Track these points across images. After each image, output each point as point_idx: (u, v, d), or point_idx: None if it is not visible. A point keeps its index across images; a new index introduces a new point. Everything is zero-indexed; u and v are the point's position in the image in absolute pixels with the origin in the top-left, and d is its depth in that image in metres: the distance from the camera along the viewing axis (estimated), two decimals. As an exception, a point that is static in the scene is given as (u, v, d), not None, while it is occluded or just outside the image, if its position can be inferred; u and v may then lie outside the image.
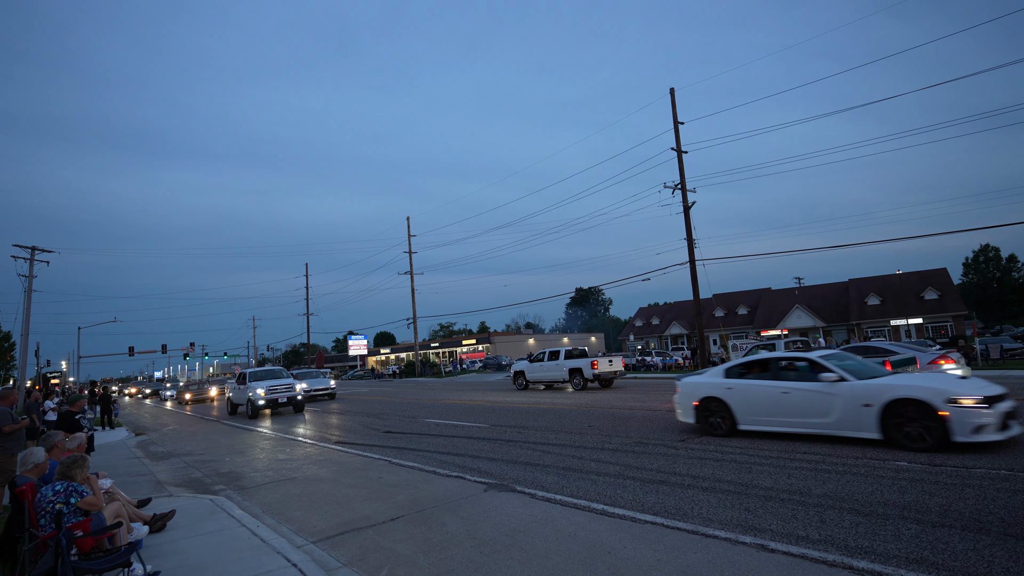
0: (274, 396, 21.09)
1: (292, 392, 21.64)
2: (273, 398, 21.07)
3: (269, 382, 21.77)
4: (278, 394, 21.22)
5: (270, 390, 21.12)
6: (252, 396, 20.98)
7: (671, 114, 27.42)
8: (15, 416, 8.07)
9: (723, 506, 6.03)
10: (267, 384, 21.44)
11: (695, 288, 27.25)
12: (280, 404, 21.36)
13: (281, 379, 22.66)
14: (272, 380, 22.23)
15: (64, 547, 3.78)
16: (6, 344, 36.88)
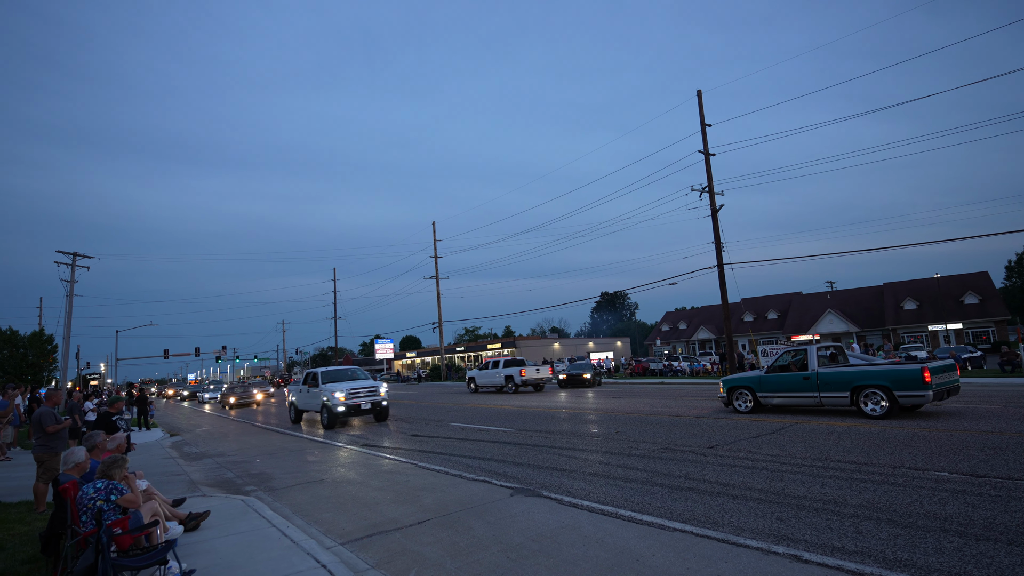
0: (356, 401, 17.39)
1: (376, 396, 17.94)
2: (355, 403, 17.37)
3: (348, 384, 18.03)
4: (360, 398, 17.52)
5: (351, 393, 17.33)
6: (329, 401, 17.22)
7: (698, 116, 27.12)
8: (59, 416, 8.36)
9: (754, 515, 5.91)
10: (347, 386, 17.55)
11: (723, 292, 26.83)
12: (362, 411, 17.69)
13: (360, 380, 18.97)
14: (351, 381, 18.55)
15: (105, 544, 3.89)
16: (49, 346, 38.20)
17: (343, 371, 19.48)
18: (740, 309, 64.28)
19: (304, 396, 19.47)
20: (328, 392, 17.35)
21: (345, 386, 17.56)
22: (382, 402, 18.08)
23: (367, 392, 17.72)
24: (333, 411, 17.05)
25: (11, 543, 6.15)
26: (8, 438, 13.81)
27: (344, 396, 17.10)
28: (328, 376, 18.89)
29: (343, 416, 17.39)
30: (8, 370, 34.93)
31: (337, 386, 17.59)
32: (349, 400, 17.20)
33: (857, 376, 11.97)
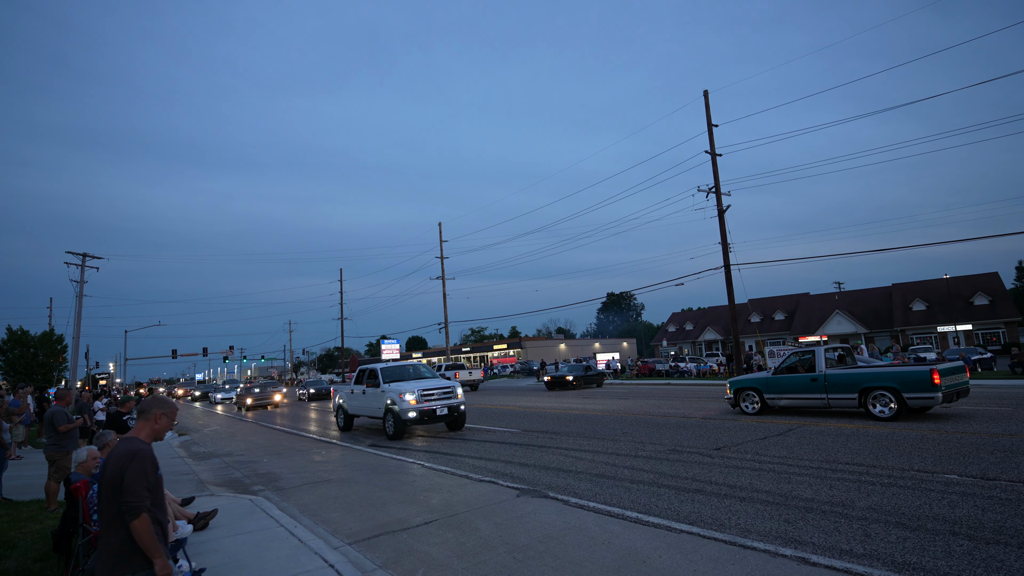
0: (429, 405, 13.95)
1: (453, 399, 14.40)
2: (428, 408, 13.88)
3: (418, 383, 14.58)
4: (434, 402, 14.10)
5: (424, 395, 13.96)
6: (395, 405, 13.88)
7: (704, 117, 27.06)
8: (70, 416, 8.45)
9: (761, 517, 5.89)
10: (417, 387, 14.15)
11: (730, 293, 26.75)
12: (437, 417, 14.07)
13: (429, 378, 15.65)
14: (419, 380, 15.23)
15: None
16: (59, 346, 38.56)
17: (405, 367, 16.42)
18: (747, 310, 64.03)
19: (358, 398, 15.99)
20: (394, 394, 14.00)
21: (415, 386, 14.11)
22: (460, 406, 14.50)
23: (442, 394, 14.30)
24: (402, 418, 13.67)
25: (23, 541, 6.22)
26: (20, 437, 13.96)
27: (415, 399, 13.73)
28: (391, 373, 15.52)
29: (414, 424, 14.02)
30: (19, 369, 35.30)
31: (404, 386, 14.21)
32: (422, 404, 13.83)
33: (865, 378, 11.91)
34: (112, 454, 3.07)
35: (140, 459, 3.03)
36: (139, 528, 2.92)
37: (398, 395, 13.82)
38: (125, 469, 2.97)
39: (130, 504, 2.93)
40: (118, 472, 2.97)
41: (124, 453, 3.03)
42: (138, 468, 2.99)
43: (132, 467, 2.98)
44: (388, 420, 14.15)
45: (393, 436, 13.90)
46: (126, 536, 2.94)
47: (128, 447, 3.07)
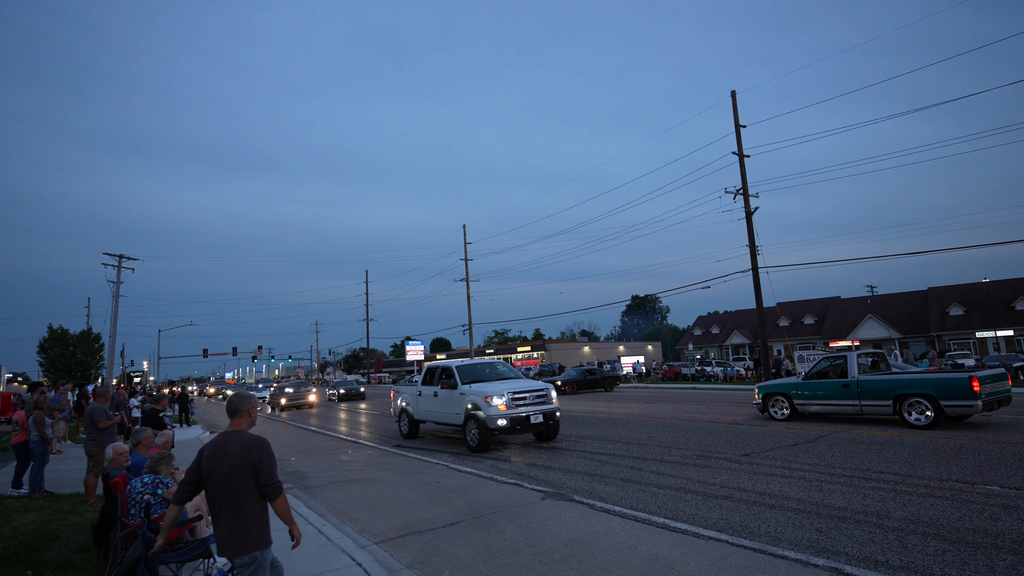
0: (522, 411, 11.63)
1: (548, 404, 12.17)
2: (521, 414, 11.57)
3: (505, 385, 12.31)
4: (527, 406, 11.80)
5: (515, 399, 11.68)
6: (481, 411, 11.64)
7: (732, 117, 26.67)
8: (109, 412, 8.71)
9: (792, 525, 5.77)
10: (507, 388, 11.85)
11: (758, 296, 26.29)
12: (532, 425, 11.79)
13: (516, 379, 13.44)
14: (505, 381, 12.94)
15: (151, 537, 4.05)
16: (96, 344, 39.80)
17: (483, 366, 13.92)
18: (775, 313, 62.83)
19: (427, 401, 13.84)
20: (477, 397, 11.82)
21: (503, 388, 11.87)
22: (555, 412, 12.28)
23: (536, 398, 11.98)
24: (489, 426, 11.40)
25: (65, 533, 6.44)
26: (60, 432, 14.43)
27: (505, 403, 11.47)
28: (470, 373, 13.24)
29: (504, 433, 11.67)
30: (59, 367, 36.52)
31: (490, 388, 12.02)
32: (513, 410, 11.51)
33: (900, 384, 11.59)
34: (236, 445, 3.40)
35: (268, 447, 3.48)
36: (281, 504, 3.41)
37: (483, 399, 11.56)
38: (259, 457, 3.38)
39: (273, 485, 3.37)
40: (252, 460, 3.36)
41: (251, 444, 3.42)
42: (269, 454, 3.45)
43: (265, 455, 3.41)
44: (470, 428, 11.85)
45: (477, 447, 11.61)
46: (254, 512, 3.36)
47: (249, 438, 3.46)
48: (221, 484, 3.36)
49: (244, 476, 3.34)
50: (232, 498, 3.34)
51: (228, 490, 3.35)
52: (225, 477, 3.34)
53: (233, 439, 3.45)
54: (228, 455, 3.37)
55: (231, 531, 3.32)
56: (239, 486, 3.35)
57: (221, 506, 3.37)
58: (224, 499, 3.35)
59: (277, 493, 3.39)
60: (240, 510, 3.34)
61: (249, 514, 3.35)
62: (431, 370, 14.34)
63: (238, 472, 3.34)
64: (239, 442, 3.43)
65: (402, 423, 15.06)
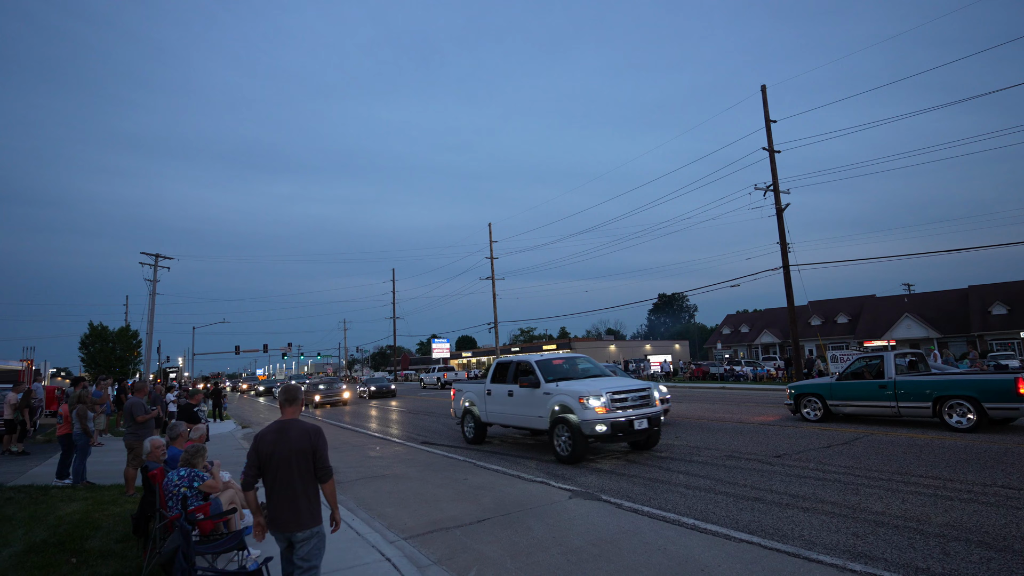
0: (625, 415, 9.70)
1: (652, 407, 10.30)
2: (623, 419, 9.62)
3: (600, 383, 10.40)
4: (631, 410, 9.85)
5: (616, 400, 9.78)
6: (574, 414, 9.72)
7: (762, 112, 26.14)
8: (147, 407, 8.98)
9: (827, 529, 5.63)
10: (606, 388, 9.91)
11: (789, 295, 25.73)
12: (635, 432, 9.82)
13: (609, 376, 11.64)
14: (597, 379, 11.01)
15: (189, 529, 4.16)
16: (134, 341, 41.07)
17: (565, 361, 11.90)
18: (807, 312, 61.42)
19: (499, 401, 11.98)
20: (568, 397, 9.93)
21: (600, 387, 9.91)
22: (659, 416, 10.44)
23: (638, 399, 10.11)
24: (584, 432, 9.50)
25: (106, 523, 6.66)
26: (101, 425, 14.94)
27: (604, 405, 9.58)
28: (553, 369, 11.36)
29: (603, 440, 9.69)
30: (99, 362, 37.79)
31: (583, 387, 10.07)
32: (614, 413, 9.61)
33: (940, 385, 11.20)
34: (295, 432, 3.74)
35: (323, 434, 3.85)
36: (330, 487, 3.80)
37: (576, 400, 9.71)
38: (317, 443, 3.76)
39: (327, 468, 3.76)
40: (311, 445, 3.74)
41: (309, 431, 3.79)
42: (324, 441, 3.83)
43: (321, 441, 3.79)
44: (559, 435, 9.98)
45: (569, 457, 9.73)
46: (312, 491, 3.74)
47: (308, 425, 3.83)
48: (283, 466, 3.68)
49: (304, 459, 3.71)
50: (293, 479, 3.68)
51: (290, 471, 3.68)
52: (287, 460, 3.68)
53: (293, 426, 3.80)
54: (290, 440, 3.72)
55: (291, 509, 3.66)
56: (299, 468, 3.70)
57: (282, 486, 3.68)
58: (285, 480, 3.68)
59: (329, 476, 3.78)
60: (299, 490, 3.68)
61: (308, 493, 3.72)
62: (503, 366, 12.47)
63: (299, 455, 3.70)
64: (299, 429, 3.78)
65: (466, 426, 13.36)
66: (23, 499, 7.90)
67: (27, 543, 5.79)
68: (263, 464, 3.74)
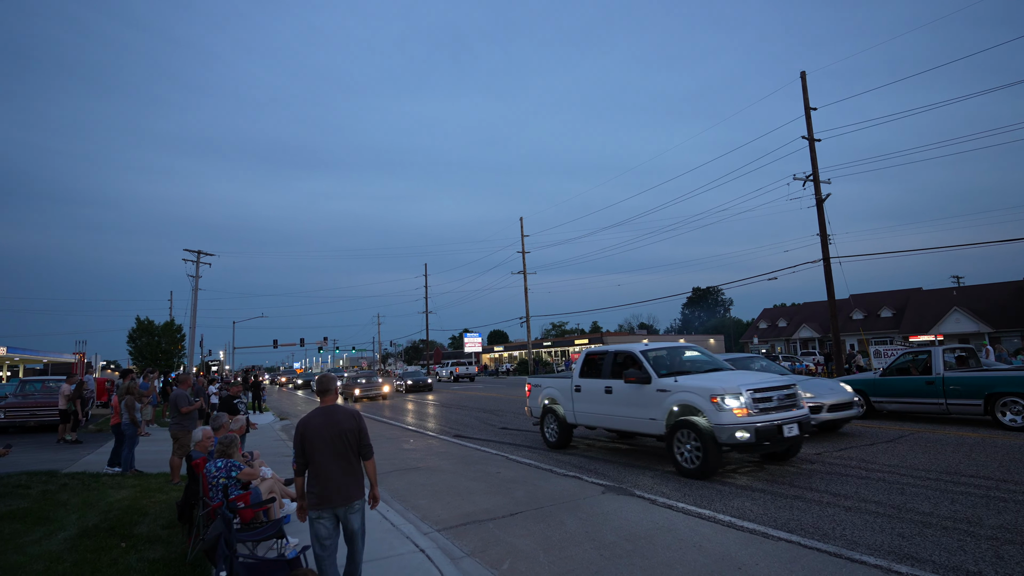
0: (771, 418, 7.81)
1: (799, 408, 8.34)
2: (769, 424, 7.72)
3: (730, 377, 8.56)
4: (777, 412, 7.98)
5: (759, 399, 7.92)
6: (698, 415, 8.01)
7: (801, 100, 25.32)
8: (190, 398, 9.29)
9: (870, 529, 5.45)
10: (743, 383, 8.06)
11: (830, 288, 24.96)
12: (784, 439, 7.87)
13: (729, 370, 9.42)
14: (721, 373, 9.05)
15: (229, 517, 4.29)
16: (178, 335, 42.57)
17: (675, 351, 9.99)
18: (848, 306, 59.55)
19: (593, 399, 10.08)
20: (693, 395, 8.10)
21: (736, 382, 8.04)
22: (809, 422, 8.47)
23: (784, 397, 8.16)
24: (719, 438, 7.67)
25: (153, 509, 6.92)
26: (148, 416, 15.54)
27: (745, 407, 7.71)
28: (666, 361, 9.52)
29: (744, 450, 7.83)
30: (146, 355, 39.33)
31: (711, 382, 8.19)
32: (758, 416, 7.72)
33: (993, 382, 10.71)
34: (340, 416, 4.10)
35: (363, 418, 4.22)
36: (373, 464, 4.23)
37: (707, 398, 7.80)
38: (361, 424, 4.15)
39: (370, 447, 4.18)
40: (357, 426, 4.12)
41: (353, 414, 4.19)
42: (365, 424, 4.21)
43: (363, 423, 4.19)
44: (683, 442, 8.09)
45: (698, 470, 7.83)
46: (358, 468, 4.12)
47: (350, 409, 4.24)
48: (334, 445, 4.03)
49: (352, 438, 4.08)
50: (342, 457, 4.04)
51: (340, 450, 4.03)
52: (337, 439, 4.03)
53: (338, 410, 4.15)
54: (338, 422, 4.07)
55: (342, 484, 4.00)
56: (347, 447, 4.06)
57: (333, 464, 4.02)
58: (335, 458, 4.02)
59: (371, 453, 4.20)
60: (347, 466, 4.05)
61: (355, 470, 4.10)
62: (595, 357, 10.56)
63: (347, 435, 4.06)
64: (344, 412, 4.16)
65: (548, 428, 11.38)
66: (76, 486, 8.27)
67: (80, 527, 6.06)
68: (309, 446, 4.03)
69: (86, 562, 5.01)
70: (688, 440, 8.11)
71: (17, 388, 18.71)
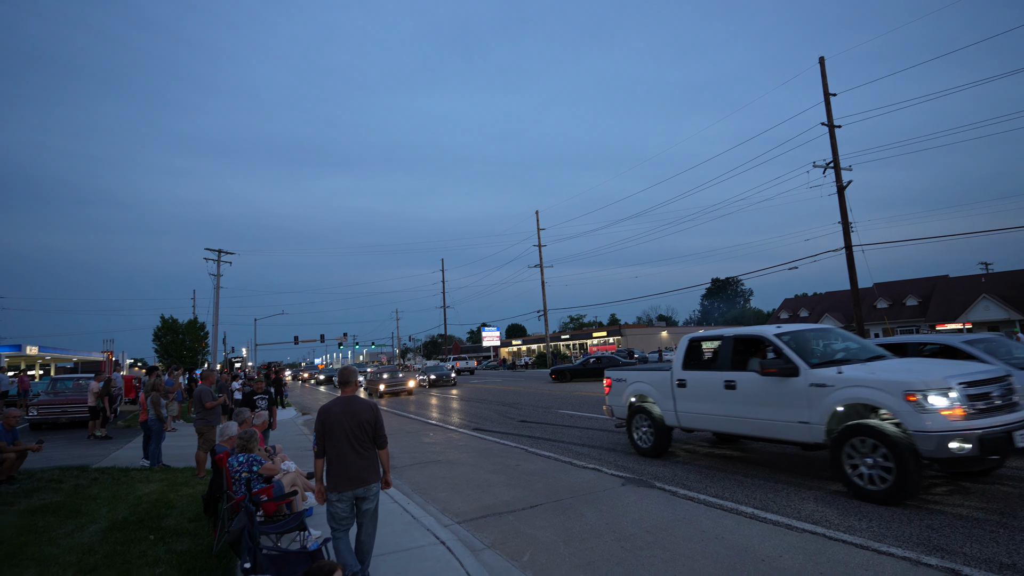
0: (998, 423, 5.62)
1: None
2: (999, 431, 5.53)
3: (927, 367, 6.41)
4: (1002, 412, 5.77)
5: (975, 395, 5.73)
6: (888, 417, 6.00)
7: (820, 86, 24.80)
8: (214, 394, 9.45)
9: (898, 520, 5.34)
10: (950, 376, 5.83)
11: (852, 277, 24.49)
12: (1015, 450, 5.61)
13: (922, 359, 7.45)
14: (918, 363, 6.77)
15: (251, 511, 4.36)
16: (202, 332, 43.31)
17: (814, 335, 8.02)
18: (872, 295, 58.44)
19: (706, 395, 8.23)
20: (874, 391, 6.14)
21: (938, 373, 6.02)
22: None
23: (1004, 391, 6.04)
24: (923, 450, 5.65)
25: (180, 503, 7.06)
26: (174, 411, 15.86)
27: (958, 406, 5.65)
28: (810, 347, 7.55)
29: (953, 464, 5.71)
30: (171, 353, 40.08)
31: (899, 374, 6.22)
32: (979, 418, 5.67)
33: None
34: (359, 406, 4.40)
35: (380, 410, 4.52)
36: (387, 453, 4.52)
37: (900, 395, 5.88)
38: (377, 415, 4.46)
39: (384, 437, 4.48)
40: (374, 417, 4.43)
41: (371, 405, 4.50)
42: (382, 416, 4.51)
43: (379, 414, 4.49)
44: (859, 452, 6.15)
45: (885, 493, 5.89)
46: (372, 456, 4.40)
47: (369, 401, 4.60)
48: (351, 433, 4.31)
49: (369, 428, 4.37)
50: (359, 444, 4.33)
51: (357, 438, 4.32)
52: (354, 428, 4.32)
53: (357, 401, 4.46)
54: (357, 412, 4.37)
55: (359, 469, 4.29)
56: (365, 435, 4.35)
57: (350, 450, 4.30)
58: (353, 444, 4.31)
59: (386, 444, 4.49)
60: (364, 453, 4.34)
61: (371, 456, 4.39)
62: (703, 343, 9.12)
63: (365, 424, 4.36)
64: (363, 403, 4.46)
65: (638, 430, 9.49)
66: (107, 480, 8.47)
67: (110, 520, 6.21)
68: (328, 432, 4.31)
69: (116, 554, 5.13)
70: (868, 452, 6.06)
71: (49, 386, 19.24)
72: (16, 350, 42.12)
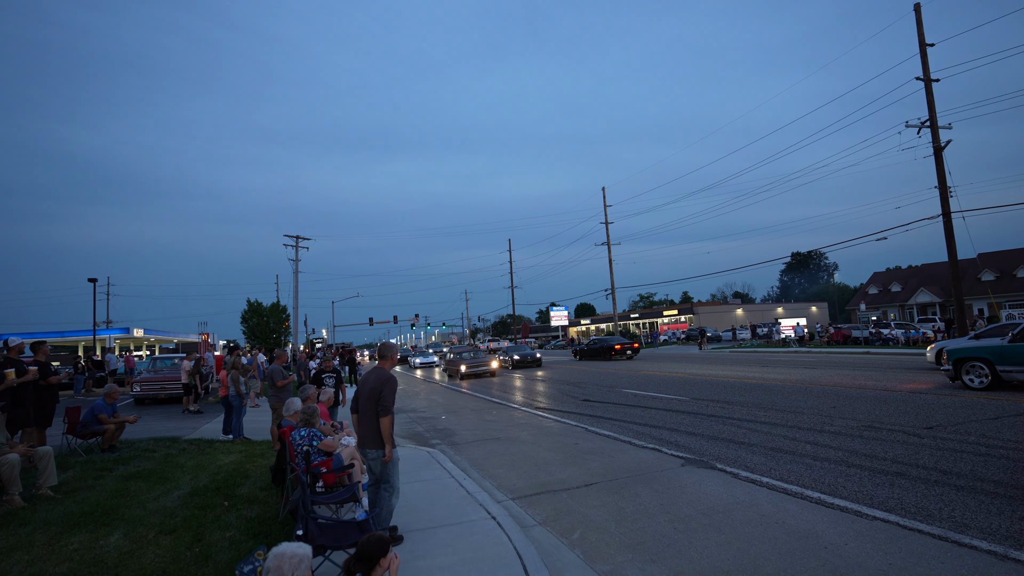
0: None
1: None
2: None
3: None
4: None
5: None
6: None
7: (915, 36, 22.57)
8: (285, 372, 9.98)
9: (986, 511, 4.86)
10: None
11: (951, 247, 22.39)
12: None
13: None
14: None
15: (306, 481, 4.58)
16: (284, 315, 45.95)
17: None
18: (975, 266, 53.29)
19: None
20: None
21: None
22: None
23: None
24: None
25: (255, 473, 7.54)
26: (256, 388, 16.96)
27: None
28: None
29: None
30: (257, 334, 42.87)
31: None
32: None
33: None
34: (371, 377, 4.86)
35: (393, 381, 4.90)
36: (385, 423, 4.73)
37: None
38: (383, 386, 4.77)
39: (385, 407, 4.73)
40: (378, 388, 4.76)
41: (381, 377, 4.85)
42: (391, 387, 4.85)
43: (388, 386, 4.80)
44: None
45: None
46: (375, 426, 4.75)
47: (383, 374, 4.90)
48: (363, 399, 4.86)
49: (375, 396, 4.76)
50: (366, 410, 4.83)
51: (365, 404, 4.84)
52: (366, 395, 4.82)
53: (376, 372, 4.95)
54: (370, 381, 4.86)
55: (361, 431, 4.89)
56: (371, 402, 4.78)
57: (362, 413, 4.88)
58: (363, 409, 4.86)
59: (385, 414, 4.72)
60: (366, 418, 4.83)
61: (373, 423, 4.78)
62: None
63: (372, 393, 4.78)
64: (377, 374, 4.91)
65: None
66: (193, 450, 9.19)
67: (192, 487, 6.72)
68: (355, 399, 5.00)
69: (194, 518, 5.54)
70: None
71: (149, 365, 21.04)
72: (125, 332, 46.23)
